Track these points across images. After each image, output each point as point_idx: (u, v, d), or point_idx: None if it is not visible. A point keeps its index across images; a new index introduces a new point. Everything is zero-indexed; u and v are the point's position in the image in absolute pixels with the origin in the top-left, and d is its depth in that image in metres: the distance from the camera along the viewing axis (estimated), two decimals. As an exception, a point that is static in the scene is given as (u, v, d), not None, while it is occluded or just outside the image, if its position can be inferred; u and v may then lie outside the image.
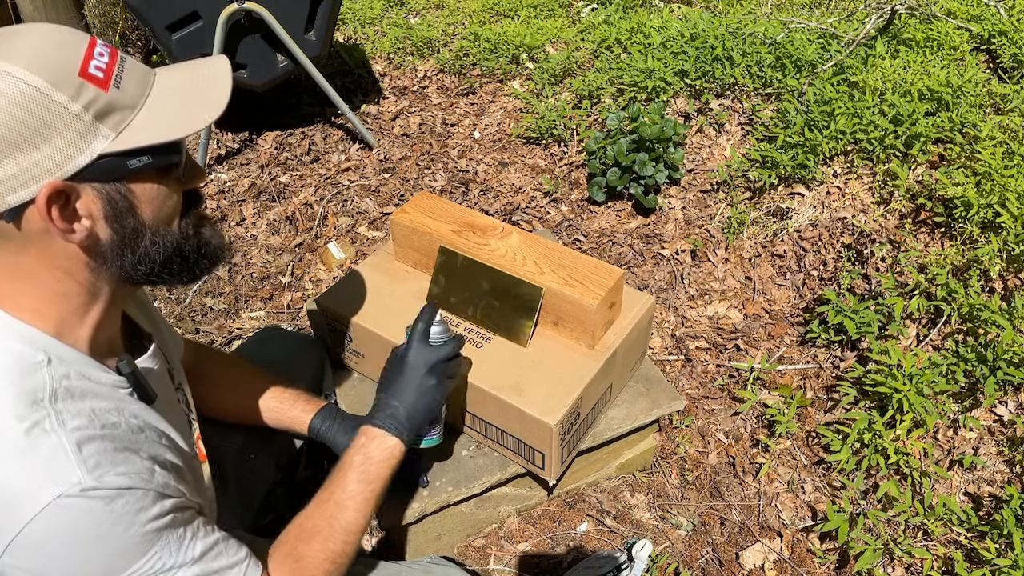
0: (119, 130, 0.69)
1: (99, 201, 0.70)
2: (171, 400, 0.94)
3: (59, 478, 0.67)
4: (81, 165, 0.67)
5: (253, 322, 2.13)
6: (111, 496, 0.69)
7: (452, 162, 2.71)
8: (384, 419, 1.04)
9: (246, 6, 2.37)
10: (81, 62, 0.67)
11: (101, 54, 0.69)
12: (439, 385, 1.09)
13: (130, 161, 0.69)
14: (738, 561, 1.52)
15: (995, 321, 1.62)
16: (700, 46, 2.55)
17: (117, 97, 0.68)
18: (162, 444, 0.82)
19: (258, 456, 1.32)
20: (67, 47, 0.67)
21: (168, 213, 0.76)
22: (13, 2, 3.04)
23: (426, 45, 3.32)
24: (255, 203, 2.56)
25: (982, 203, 1.78)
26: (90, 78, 0.67)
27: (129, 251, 0.74)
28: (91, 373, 0.77)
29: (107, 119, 0.68)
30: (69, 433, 0.69)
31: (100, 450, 0.71)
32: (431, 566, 1.16)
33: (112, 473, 0.70)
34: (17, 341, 0.72)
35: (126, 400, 0.80)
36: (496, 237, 1.39)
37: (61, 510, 0.67)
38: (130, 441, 0.76)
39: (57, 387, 0.72)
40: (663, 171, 2.28)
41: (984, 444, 1.58)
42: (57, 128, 0.65)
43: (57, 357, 0.74)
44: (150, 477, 0.74)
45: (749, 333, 2.00)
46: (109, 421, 0.75)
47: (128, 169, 0.70)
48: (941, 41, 2.40)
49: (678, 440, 1.74)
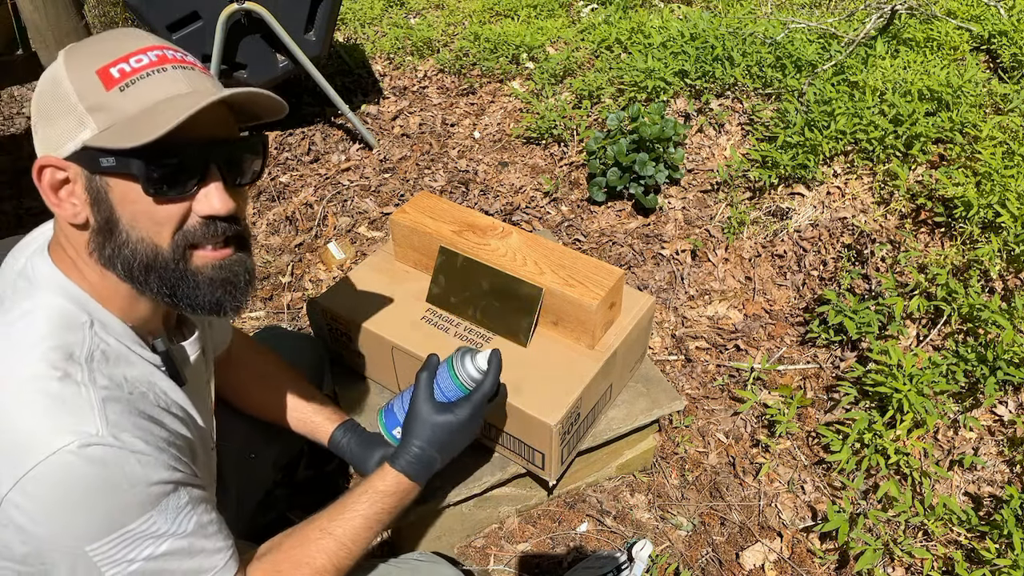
0: (104, 128, 0.72)
1: (82, 183, 0.74)
2: (202, 390, 0.97)
3: (78, 427, 0.70)
4: (72, 149, 0.73)
5: (253, 322, 2.13)
6: (124, 454, 0.71)
7: (452, 162, 2.71)
8: (419, 471, 1.02)
9: (246, 6, 2.37)
10: (108, 61, 0.72)
11: (139, 60, 0.73)
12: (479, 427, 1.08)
13: (101, 158, 0.72)
14: (738, 561, 1.52)
15: (995, 321, 1.62)
16: (700, 46, 2.55)
17: (113, 99, 0.72)
18: (184, 424, 0.84)
19: (258, 456, 1.33)
20: (108, 47, 0.73)
21: (150, 222, 0.75)
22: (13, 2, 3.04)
23: (426, 45, 3.32)
24: (255, 203, 2.56)
25: (982, 203, 1.78)
26: (103, 76, 0.72)
27: (108, 243, 0.76)
28: (129, 343, 0.80)
29: (97, 115, 0.72)
30: (98, 390, 0.73)
31: (123, 411, 0.74)
32: (419, 564, 1.16)
33: (129, 434, 0.73)
34: (67, 299, 0.77)
35: (158, 375, 0.83)
36: (496, 237, 1.39)
37: (73, 456, 0.69)
38: (154, 412, 0.79)
39: (94, 348, 0.76)
40: (663, 171, 2.28)
41: (984, 444, 1.58)
42: (62, 111, 0.72)
43: (100, 322, 0.78)
44: (165, 447, 0.77)
45: (749, 333, 2.00)
46: (138, 390, 0.78)
47: (100, 166, 0.72)
48: (941, 41, 2.40)
49: (678, 440, 1.74)
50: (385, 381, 1.46)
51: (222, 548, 0.84)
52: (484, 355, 1.06)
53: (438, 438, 1.02)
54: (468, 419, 1.03)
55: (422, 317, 1.39)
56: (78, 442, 0.69)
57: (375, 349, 1.40)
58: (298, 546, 0.95)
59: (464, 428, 1.03)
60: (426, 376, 1.06)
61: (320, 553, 0.94)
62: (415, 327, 1.37)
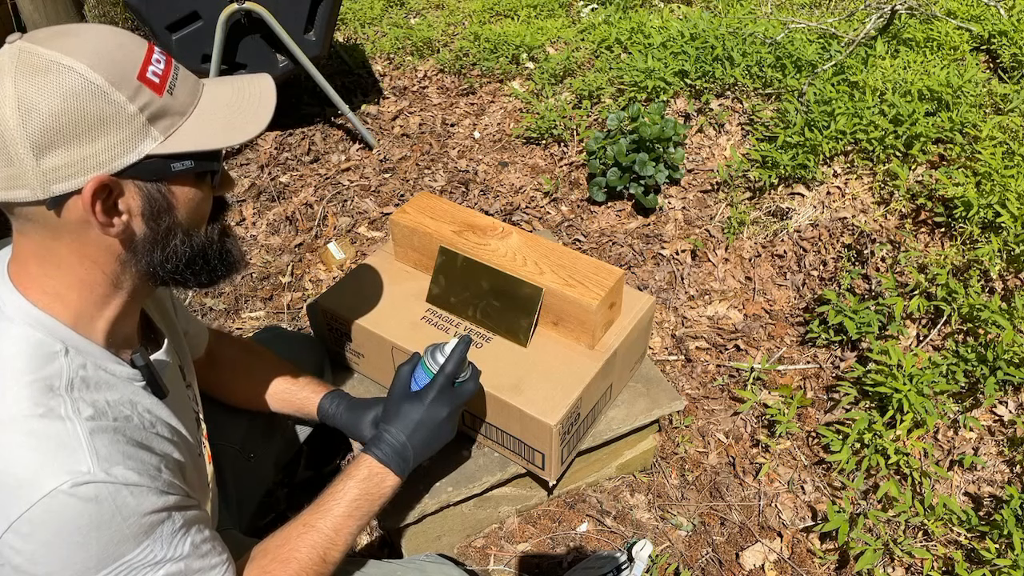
0: (168, 134, 0.72)
1: (139, 198, 0.73)
2: (182, 396, 0.96)
3: (69, 465, 0.69)
4: (129, 163, 0.70)
5: (253, 322, 2.13)
6: (117, 488, 0.71)
7: (452, 162, 2.71)
8: (390, 456, 1.03)
9: (246, 6, 2.37)
10: (140, 66, 0.71)
11: (158, 60, 0.73)
12: (454, 426, 1.09)
13: (173, 164, 0.73)
14: (738, 561, 1.52)
15: (995, 321, 1.62)
16: (700, 46, 2.55)
17: (170, 103, 0.72)
18: (171, 440, 0.83)
19: (258, 456, 1.33)
20: (127, 50, 0.71)
21: (200, 217, 0.80)
22: (13, 2, 3.04)
23: (426, 45, 3.32)
24: (255, 203, 2.56)
25: (982, 203, 1.78)
26: (147, 82, 0.71)
27: (159, 248, 0.77)
28: (107, 365, 0.79)
29: (158, 122, 0.71)
30: (83, 422, 0.71)
31: (111, 442, 0.73)
32: (426, 564, 1.16)
33: (121, 466, 0.72)
34: (36, 329, 0.74)
35: (139, 393, 0.82)
36: (496, 237, 1.39)
37: (66, 496, 0.68)
38: (141, 436, 0.77)
39: (73, 376, 0.74)
40: (663, 171, 2.28)
41: (984, 444, 1.58)
42: (112, 125, 0.69)
43: (74, 347, 0.76)
44: (157, 474, 0.76)
45: (749, 333, 2.00)
46: (122, 414, 0.77)
47: (171, 171, 0.73)
48: (941, 41, 2.40)
49: (678, 440, 1.74)
50: (385, 381, 1.46)
51: (217, 564, 0.83)
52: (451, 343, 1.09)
53: (406, 423, 1.04)
54: (432, 401, 1.05)
55: (422, 317, 1.39)
56: (71, 481, 0.68)
57: (375, 349, 1.40)
58: (283, 543, 0.95)
59: (430, 412, 1.05)
60: (407, 369, 1.10)
61: (305, 547, 0.94)
62: (415, 327, 1.37)
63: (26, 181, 0.67)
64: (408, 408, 1.06)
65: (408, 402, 1.07)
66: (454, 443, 1.37)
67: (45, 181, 0.68)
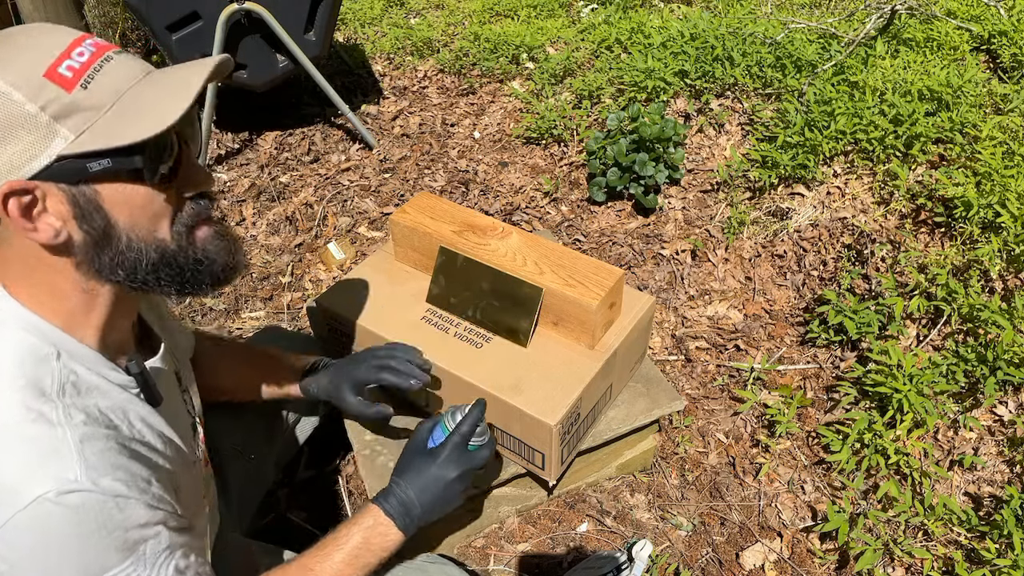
0: (79, 132, 0.67)
1: (65, 202, 0.69)
2: (177, 403, 0.94)
3: (56, 473, 0.67)
4: (41, 166, 0.66)
5: (253, 322, 2.13)
6: (103, 499, 0.69)
7: (452, 162, 2.71)
8: (397, 510, 1.03)
9: (246, 6, 2.37)
10: (51, 62, 0.66)
11: (80, 54, 0.68)
12: (464, 490, 1.08)
13: (89, 164, 0.67)
14: (738, 561, 1.52)
15: (995, 321, 1.62)
16: (700, 46, 2.55)
17: (80, 98, 0.67)
18: (163, 451, 0.81)
19: (258, 457, 1.33)
20: (41, 48, 0.67)
21: (149, 217, 0.73)
22: (13, 2, 3.04)
23: (426, 45, 3.32)
24: (255, 203, 2.56)
25: (982, 203, 1.78)
26: (56, 78, 0.66)
27: (105, 254, 0.72)
28: (100, 370, 0.77)
29: (66, 120, 0.66)
30: (74, 428, 0.70)
31: (102, 450, 0.71)
32: (427, 564, 1.16)
33: (109, 477, 0.70)
34: (28, 332, 0.73)
35: (132, 401, 0.80)
36: (496, 237, 1.39)
37: (52, 505, 0.67)
38: (132, 446, 0.76)
39: (65, 381, 0.72)
40: (663, 171, 2.28)
41: (984, 444, 1.58)
42: (17, 128, 0.65)
43: (67, 351, 0.74)
44: (146, 487, 0.74)
45: (749, 333, 2.00)
46: (113, 422, 0.75)
47: (89, 172, 0.68)
48: (941, 41, 2.40)
49: (678, 440, 1.74)
50: (385, 381, 1.46)
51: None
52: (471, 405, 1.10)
53: (416, 478, 1.04)
54: (444, 461, 1.04)
55: (422, 317, 1.39)
56: (56, 489, 0.67)
57: (375, 349, 1.40)
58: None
59: (441, 469, 1.04)
60: (427, 426, 1.11)
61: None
62: (415, 327, 1.37)
63: None
64: (420, 462, 1.05)
65: (421, 457, 1.06)
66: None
67: None
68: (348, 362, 1.21)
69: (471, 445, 1.08)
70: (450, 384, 1.31)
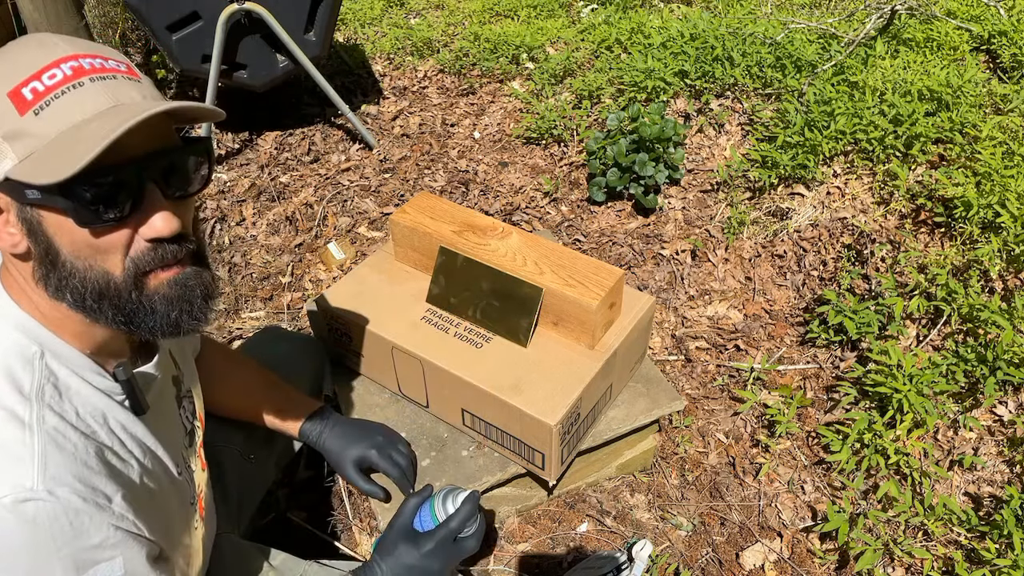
0: (22, 158, 0.65)
1: (15, 214, 0.68)
2: (168, 412, 0.92)
3: (12, 478, 0.66)
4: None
5: (253, 322, 2.13)
6: (58, 512, 0.67)
7: (452, 162, 2.71)
8: None
9: (246, 6, 2.37)
10: (20, 81, 0.65)
11: (52, 76, 0.65)
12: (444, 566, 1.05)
13: (26, 191, 0.65)
14: (738, 561, 1.52)
15: (995, 321, 1.62)
16: (700, 46, 2.55)
17: (28, 124, 0.65)
18: (141, 462, 0.79)
19: (258, 457, 1.33)
20: (19, 64, 0.66)
21: (91, 250, 0.69)
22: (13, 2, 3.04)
23: (426, 45, 3.32)
24: (255, 203, 2.56)
25: (982, 203, 1.78)
26: (16, 98, 0.65)
27: (52, 273, 0.70)
28: (84, 373, 0.76)
29: (15, 143, 0.65)
30: (43, 434, 0.68)
31: (65, 461, 0.69)
32: None
33: (68, 488, 0.68)
34: (16, 329, 0.73)
35: (114, 408, 0.78)
36: (496, 237, 1.39)
37: (5, 511, 0.65)
38: (103, 456, 0.74)
39: (44, 382, 0.71)
40: (663, 171, 2.28)
41: (984, 444, 1.58)
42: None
43: (51, 352, 0.74)
44: (106, 504, 0.71)
45: (749, 333, 2.00)
46: (89, 428, 0.74)
47: (27, 197, 0.66)
48: (941, 41, 2.40)
49: (678, 440, 1.74)
50: (385, 381, 1.46)
51: None
52: (464, 494, 1.07)
53: (398, 565, 1.02)
54: (430, 552, 1.02)
55: (422, 317, 1.39)
56: (11, 496, 0.65)
57: (375, 349, 1.40)
58: None
59: (424, 562, 1.02)
60: (414, 503, 1.08)
61: None
62: (415, 327, 1.37)
63: None
64: (404, 550, 1.03)
65: (405, 543, 1.04)
66: (454, 443, 1.38)
67: None
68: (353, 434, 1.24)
69: (459, 536, 1.05)
70: (450, 384, 1.31)
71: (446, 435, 1.40)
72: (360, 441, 1.24)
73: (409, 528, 1.06)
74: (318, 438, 1.23)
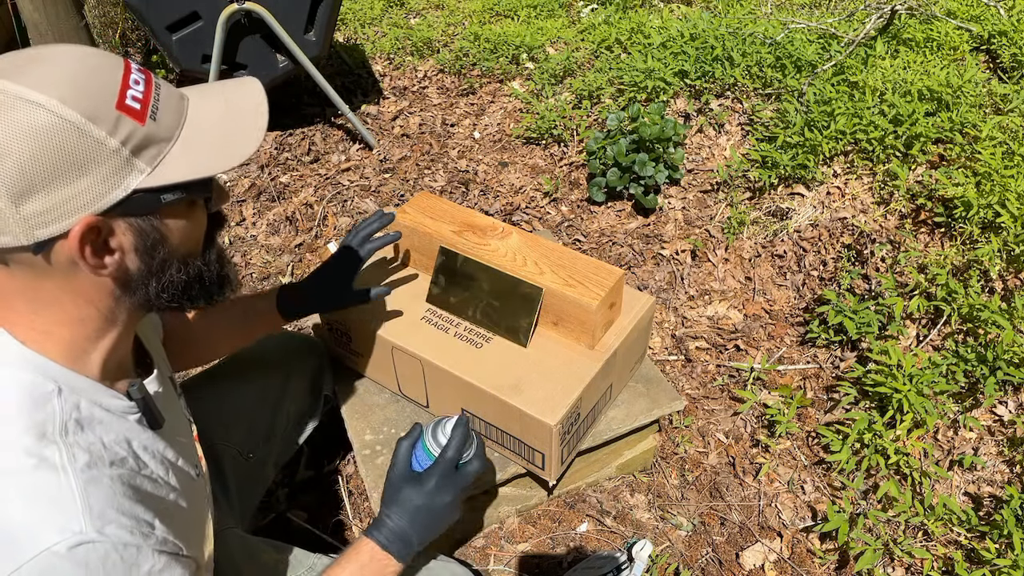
0: (155, 164, 0.67)
1: (131, 234, 0.69)
2: (176, 413, 0.93)
3: (61, 523, 0.65)
4: (116, 200, 0.66)
5: (253, 322, 2.13)
6: (108, 551, 0.67)
7: (452, 162, 2.71)
8: (392, 541, 0.98)
9: (246, 6, 2.37)
10: (118, 93, 0.65)
11: (137, 82, 0.67)
12: (457, 508, 1.03)
13: (164, 196, 0.68)
14: (738, 561, 1.52)
15: (995, 321, 1.62)
16: (700, 46, 2.55)
17: (153, 130, 0.67)
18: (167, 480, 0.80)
19: (257, 456, 1.33)
20: (102, 75, 0.65)
21: (195, 241, 0.76)
22: (13, 2, 3.04)
23: (426, 45, 3.32)
24: (255, 203, 2.56)
25: (982, 203, 1.78)
26: (127, 110, 0.65)
27: (155, 280, 0.73)
28: (102, 400, 0.75)
29: (143, 153, 0.66)
30: (78, 473, 0.67)
31: (106, 497, 0.69)
32: (431, 562, 1.16)
33: (115, 524, 0.68)
34: (27, 371, 0.70)
35: (134, 429, 0.78)
36: (496, 237, 1.39)
37: (58, 558, 0.64)
38: (136, 482, 0.74)
39: (67, 419, 0.70)
40: (663, 171, 2.28)
41: (984, 444, 1.58)
42: (93, 164, 0.64)
43: (68, 386, 0.72)
44: (150, 531, 0.72)
45: (749, 333, 2.00)
46: (118, 456, 0.73)
47: (162, 203, 0.68)
48: (941, 41, 2.40)
49: (678, 440, 1.74)
50: (385, 381, 1.46)
51: None
52: (452, 421, 1.04)
53: (407, 509, 0.99)
54: (435, 488, 1.00)
55: (422, 317, 1.39)
56: (64, 543, 0.64)
57: (375, 349, 1.40)
58: None
59: (433, 498, 1.00)
60: (406, 445, 1.05)
61: None
62: (415, 327, 1.37)
63: (7, 228, 0.62)
64: (409, 492, 1.00)
65: (409, 485, 1.01)
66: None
67: (27, 227, 0.63)
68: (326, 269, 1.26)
69: (459, 463, 1.02)
70: (450, 384, 1.31)
71: (446, 435, 1.40)
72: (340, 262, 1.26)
73: (408, 471, 1.03)
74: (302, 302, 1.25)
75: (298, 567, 1.12)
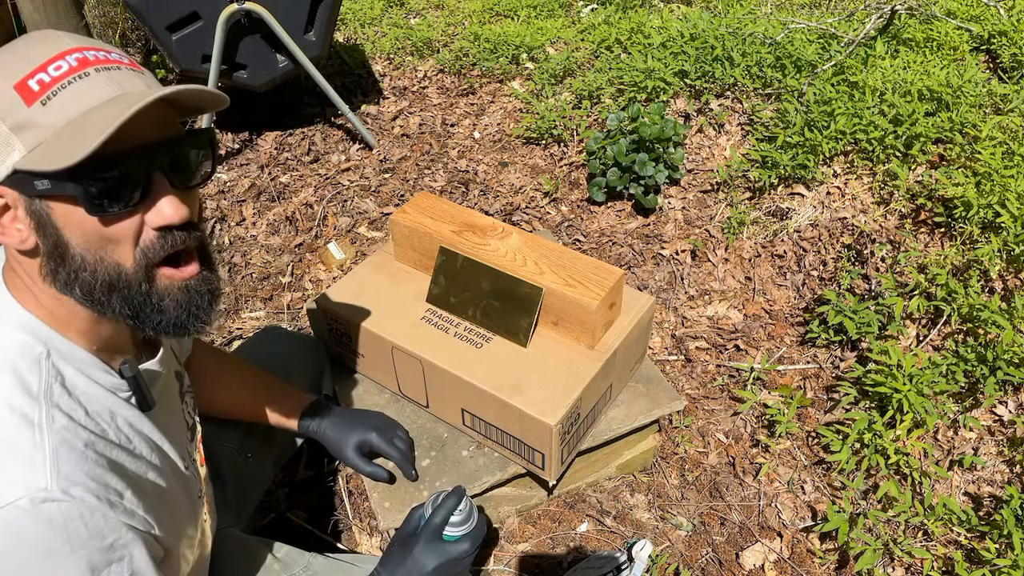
0: (31, 148, 0.66)
1: (22, 210, 0.68)
2: (173, 407, 0.93)
3: (28, 479, 0.66)
4: (3, 174, 0.66)
5: (253, 322, 2.13)
6: (72, 512, 0.67)
7: (452, 162, 2.71)
8: None
9: (246, 6, 2.37)
10: (26, 73, 0.66)
11: (58, 67, 0.66)
12: None
13: (36, 182, 0.66)
14: (738, 561, 1.52)
15: (995, 321, 1.62)
16: (700, 46, 2.55)
17: (36, 114, 0.65)
18: (149, 459, 0.80)
19: (256, 456, 1.33)
20: (26, 58, 0.66)
21: (101, 242, 0.70)
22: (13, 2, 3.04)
23: (426, 45, 3.32)
24: (255, 203, 2.56)
25: (982, 203, 1.78)
26: (23, 90, 0.65)
27: (62, 267, 0.70)
28: (90, 371, 0.76)
29: (23, 134, 0.66)
30: (54, 434, 0.69)
31: (77, 460, 0.69)
32: None
33: (81, 487, 0.68)
34: (20, 330, 0.73)
35: (121, 405, 0.78)
36: (496, 237, 1.39)
37: (21, 512, 0.65)
38: (113, 454, 0.74)
39: (52, 382, 0.72)
40: (663, 171, 2.28)
41: (984, 444, 1.58)
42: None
43: (57, 351, 0.74)
44: (118, 500, 0.72)
45: (749, 333, 2.00)
46: (99, 427, 0.74)
47: (36, 189, 0.66)
48: (941, 41, 2.40)
49: (678, 440, 1.74)
50: (385, 381, 1.46)
51: None
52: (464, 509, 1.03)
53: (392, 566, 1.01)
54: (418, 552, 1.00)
55: (422, 317, 1.39)
56: (28, 497, 0.65)
57: (375, 349, 1.40)
58: None
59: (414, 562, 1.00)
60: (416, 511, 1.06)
61: None
62: (415, 327, 1.37)
63: None
64: (397, 552, 1.02)
65: (398, 546, 1.02)
66: (454, 443, 1.38)
67: None
68: (351, 420, 1.26)
69: (446, 535, 1.01)
70: (450, 384, 1.31)
71: (446, 435, 1.40)
72: (359, 426, 1.25)
73: (405, 532, 1.05)
74: (318, 428, 1.24)
75: (293, 566, 1.13)
